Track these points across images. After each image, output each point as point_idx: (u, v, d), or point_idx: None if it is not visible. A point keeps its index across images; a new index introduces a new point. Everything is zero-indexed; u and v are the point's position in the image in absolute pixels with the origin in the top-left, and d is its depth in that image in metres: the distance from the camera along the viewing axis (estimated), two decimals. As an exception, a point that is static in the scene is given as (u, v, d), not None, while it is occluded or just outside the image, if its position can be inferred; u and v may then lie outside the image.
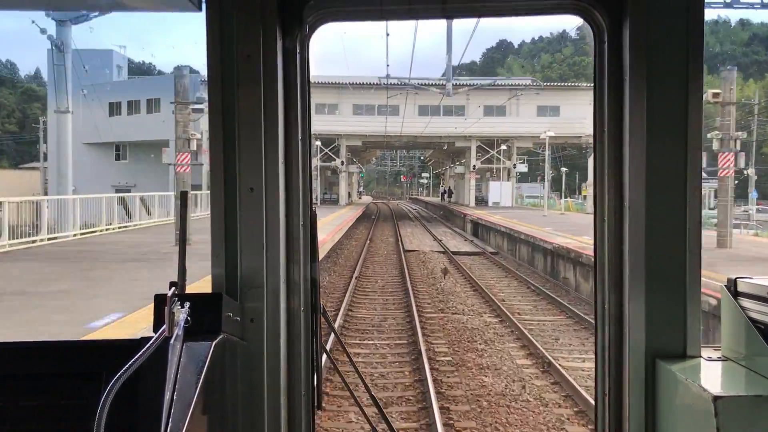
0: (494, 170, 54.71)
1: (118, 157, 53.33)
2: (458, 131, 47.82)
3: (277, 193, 2.00)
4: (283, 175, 2.04)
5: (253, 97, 1.97)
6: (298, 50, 2.08)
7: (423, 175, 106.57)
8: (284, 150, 2.06)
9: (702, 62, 1.93)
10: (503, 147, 49.14)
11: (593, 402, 2.20)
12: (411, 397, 7.68)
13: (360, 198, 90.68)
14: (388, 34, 31.64)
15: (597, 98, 2.07)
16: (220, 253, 1.97)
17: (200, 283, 2.51)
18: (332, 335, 7.81)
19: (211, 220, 1.97)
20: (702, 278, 1.97)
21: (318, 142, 47.45)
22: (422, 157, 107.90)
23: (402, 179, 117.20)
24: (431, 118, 48.41)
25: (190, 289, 1.70)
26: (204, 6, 1.95)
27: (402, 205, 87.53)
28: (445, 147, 55.20)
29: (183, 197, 1.86)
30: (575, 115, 46.32)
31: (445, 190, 69.91)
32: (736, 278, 1.93)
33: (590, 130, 3.61)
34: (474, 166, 50.17)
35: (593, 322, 2.14)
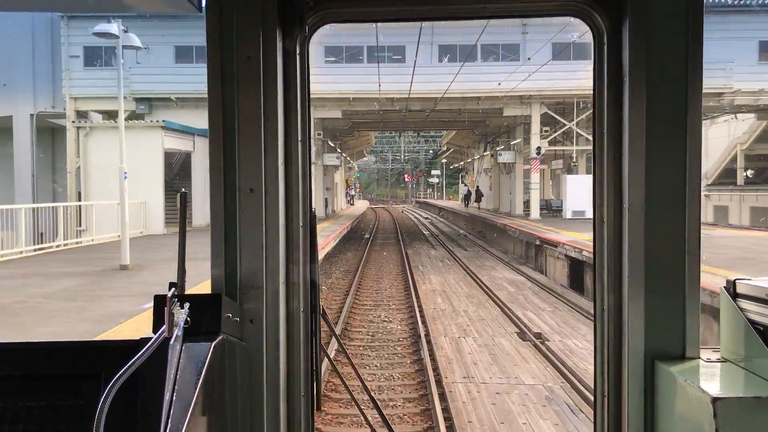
0: (570, 156, 38.10)
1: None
2: (508, 87, 30.83)
3: (276, 193, 2.15)
4: (282, 175, 2.19)
5: (252, 97, 2.11)
6: (298, 51, 2.22)
7: (433, 173, 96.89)
8: (284, 151, 2.20)
9: (702, 63, 2.09)
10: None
11: (592, 402, 2.47)
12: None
13: (352, 204, 74.33)
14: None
15: (596, 99, 2.26)
16: (219, 254, 2.11)
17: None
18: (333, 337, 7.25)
19: (211, 220, 2.13)
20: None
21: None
22: (432, 150, 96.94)
23: (406, 179, 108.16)
24: (462, 66, 30.54)
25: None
26: (204, 7, 2.08)
27: (408, 213, 68.72)
28: (481, 116, 37.23)
29: (183, 198, 2.03)
30: (718, 56, 29.74)
31: (469, 191, 54.00)
32: (735, 280, 2.08)
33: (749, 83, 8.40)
34: (538, 149, 27.01)
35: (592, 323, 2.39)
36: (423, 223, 50.17)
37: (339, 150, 49.88)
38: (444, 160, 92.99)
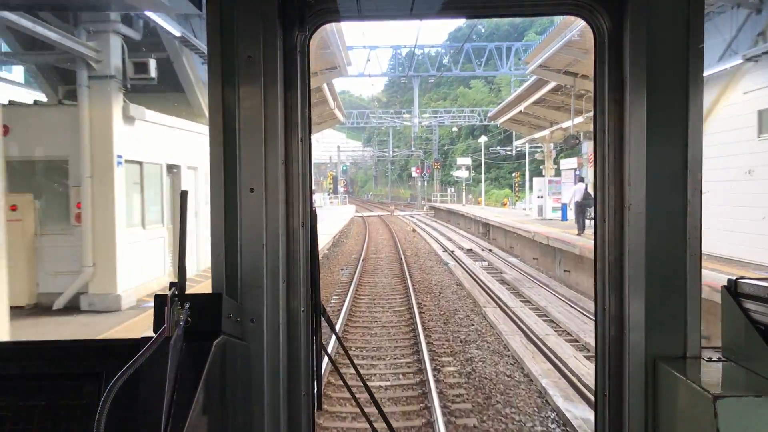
0: None
1: None
2: None
3: (277, 193, 2.17)
4: (283, 175, 2.20)
5: (253, 97, 2.13)
6: (298, 50, 2.24)
7: (459, 162, 63.23)
8: (284, 150, 2.21)
9: (702, 63, 2.09)
10: None
11: (593, 402, 2.44)
12: None
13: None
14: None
15: (597, 99, 2.27)
16: (220, 254, 2.12)
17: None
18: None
19: (211, 220, 2.13)
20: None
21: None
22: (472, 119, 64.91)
23: (414, 173, 78.49)
24: None
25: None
26: (204, 6, 2.11)
27: (425, 233, 36.63)
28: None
29: (183, 197, 2.00)
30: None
31: (588, 195, 22.16)
32: (737, 279, 2.09)
33: None
34: None
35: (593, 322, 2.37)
36: (492, 293, 16.23)
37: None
38: (483, 139, 54.88)
